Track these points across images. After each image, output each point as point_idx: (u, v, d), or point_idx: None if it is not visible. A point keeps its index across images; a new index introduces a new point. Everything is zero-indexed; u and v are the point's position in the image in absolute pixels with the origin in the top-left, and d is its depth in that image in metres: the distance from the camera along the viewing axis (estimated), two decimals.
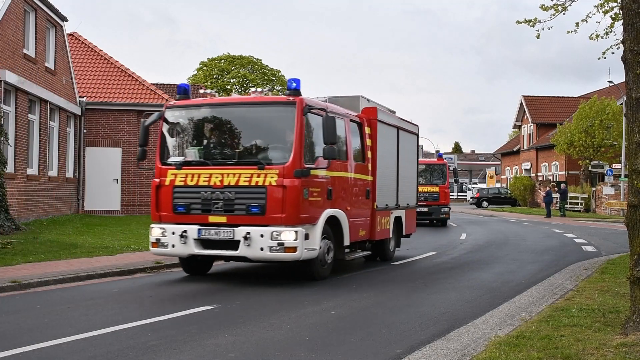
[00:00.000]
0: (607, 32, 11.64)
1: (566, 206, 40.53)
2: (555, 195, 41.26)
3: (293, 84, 11.02)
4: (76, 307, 8.76)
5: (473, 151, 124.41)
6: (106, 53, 29.88)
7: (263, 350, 6.54)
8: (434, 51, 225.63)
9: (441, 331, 7.47)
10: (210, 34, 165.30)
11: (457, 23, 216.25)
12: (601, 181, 45.50)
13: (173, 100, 12.34)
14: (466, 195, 75.86)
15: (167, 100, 25.45)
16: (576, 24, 11.70)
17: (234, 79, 64.88)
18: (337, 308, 8.91)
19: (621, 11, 7.25)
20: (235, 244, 10.61)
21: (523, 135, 61.08)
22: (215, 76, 64.64)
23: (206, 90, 12.77)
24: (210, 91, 12.26)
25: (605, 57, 12.17)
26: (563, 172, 51.35)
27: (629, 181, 6.99)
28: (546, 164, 55.62)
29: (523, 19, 11.45)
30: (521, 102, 59.84)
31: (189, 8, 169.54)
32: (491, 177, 75.46)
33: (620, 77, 41.39)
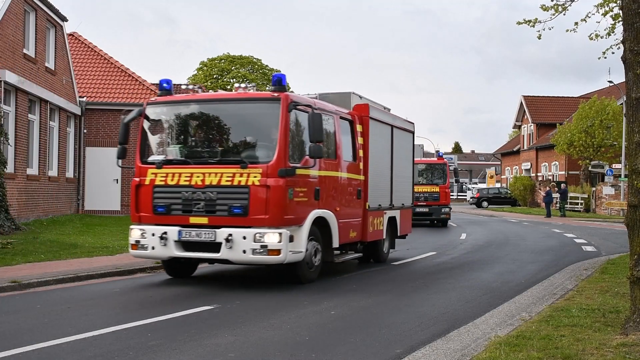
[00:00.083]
0: (609, 33, 11.66)
1: (566, 206, 40.53)
2: (555, 195, 41.26)
3: (278, 79, 10.60)
4: (76, 307, 8.76)
5: (473, 151, 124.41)
6: (106, 53, 29.86)
7: (263, 350, 6.54)
8: (434, 51, 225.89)
9: (441, 331, 7.47)
10: (210, 34, 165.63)
11: (457, 23, 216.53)
12: (601, 181, 45.50)
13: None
14: (466, 195, 75.84)
15: None
16: (575, 24, 11.72)
17: (234, 79, 64.86)
18: (337, 308, 8.91)
19: (621, 11, 7.25)
20: (217, 246, 10.19)
21: (523, 135, 61.08)
22: (215, 76, 64.60)
23: (189, 86, 12.50)
24: (193, 86, 12.00)
25: (605, 57, 12.19)
26: (563, 172, 51.35)
27: (629, 181, 6.99)
28: (546, 164, 55.62)
29: (523, 19, 11.48)
30: (521, 102, 59.84)
31: (189, 8, 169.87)
32: (491, 177, 75.47)
33: (620, 77, 41.39)
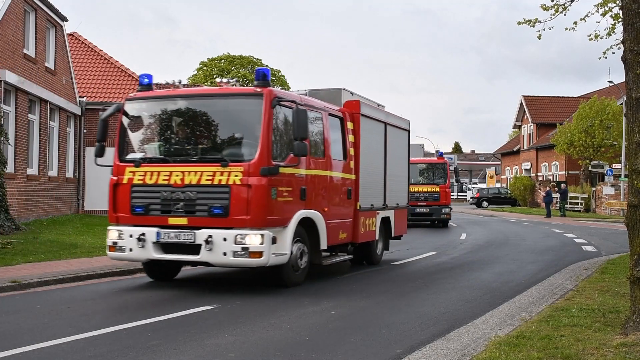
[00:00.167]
0: (609, 33, 11.66)
1: (566, 206, 40.53)
2: (555, 195, 41.27)
3: (262, 74, 10.16)
4: (76, 307, 8.76)
5: (473, 151, 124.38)
6: (106, 53, 29.86)
7: (263, 350, 6.53)
8: (434, 51, 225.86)
9: (441, 331, 7.47)
10: (210, 34, 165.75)
11: (457, 23, 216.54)
12: (601, 181, 45.50)
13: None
14: (466, 195, 75.85)
15: None
16: (574, 23, 11.73)
17: (234, 79, 64.92)
18: (337, 308, 8.91)
19: (621, 11, 7.25)
20: (196, 248, 9.76)
21: (523, 135, 61.08)
22: (215, 76, 64.63)
23: (173, 82, 12.08)
24: (174, 81, 11.73)
25: (605, 57, 12.18)
26: (563, 172, 51.36)
27: (629, 181, 6.99)
28: (546, 164, 55.63)
29: (523, 19, 11.47)
30: (521, 102, 59.83)
31: (189, 8, 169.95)
32: (491, 177, 75.47)
33: (620, 77, 41.39)
